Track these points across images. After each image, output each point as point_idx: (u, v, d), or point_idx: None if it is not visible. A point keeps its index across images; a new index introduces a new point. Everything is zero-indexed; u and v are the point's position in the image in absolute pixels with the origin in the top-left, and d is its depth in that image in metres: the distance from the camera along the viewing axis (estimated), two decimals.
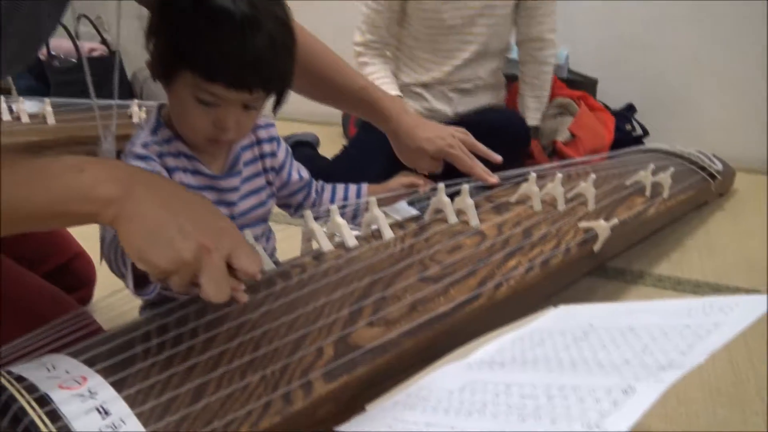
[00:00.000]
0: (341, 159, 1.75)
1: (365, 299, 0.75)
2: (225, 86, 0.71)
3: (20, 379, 0.57)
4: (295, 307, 0.72)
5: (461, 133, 1.08)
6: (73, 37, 2.45)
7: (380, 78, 1.74)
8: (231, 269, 0.61)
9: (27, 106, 1.83)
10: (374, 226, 0.94)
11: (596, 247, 1.04)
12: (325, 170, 1.66)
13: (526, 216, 1.06)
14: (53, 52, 2.45)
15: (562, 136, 1.85)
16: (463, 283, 0.83)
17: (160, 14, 0.73)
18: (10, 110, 1.81)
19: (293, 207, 0.99)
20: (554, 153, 1.90)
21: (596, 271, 1.30)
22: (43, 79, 2.51)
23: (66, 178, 0.56)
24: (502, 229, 1.00)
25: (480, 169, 1.05)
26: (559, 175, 1.12)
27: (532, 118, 1.87)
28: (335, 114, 2.39)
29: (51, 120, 1.81)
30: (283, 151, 0.92)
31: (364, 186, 1.01)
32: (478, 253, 0.91)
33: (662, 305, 0.68)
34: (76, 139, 1.78)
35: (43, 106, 1.82)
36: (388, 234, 0.92)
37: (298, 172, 0.96)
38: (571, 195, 1.17)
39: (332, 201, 0.99)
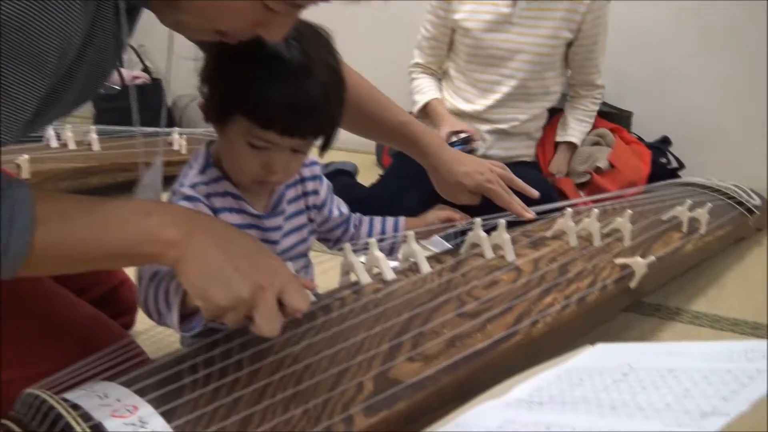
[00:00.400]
0: (378, 188, 1.78)
1: (404, 334, 0.76)
2: (278, 133, 0.74)
3: (75, 407, 0.59)
4: (335, 342, 0.74)
5: (499, 167, 1.09)
6: (117, 65, 2.53)
7: (424, 86, 1.80)
8: (280, 305, 0.64)
9: (73, 133, 1.89)
10: (412, 260, 0.95)
11: (633, 284, 1.04)
12: (362, 199, 1.68)
13: (562, 251, 1.07)
14: None
15: (603, 164, 1.85)
16: (500, 320, 0.84)
17: (216, 60, 0.75)
18: (58, 137, 1.88)
19: (332, 241, 1.00)
20: (589, 183, 1.90)
21: (632, 307, 1.29)
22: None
23: (135, 221, 0.62)
24: (538, 264, 1.00)
25: (517, 204, 1.06)
26: (596, 211, 1.13)
27: (573, 137, 1.88)
28: (369, 142, 2.42)
29: (96, 147, 1.87)
30: (325, 188, 0.94)
31: (402, 220, 1.02)
32: (514, 289, 0.91)
33: (703, 347, 0.68)
34: (120, 166, 1.84)
35: (89, 133, 1.89)
36: (425, 268, 0.93)
37: (338, 208, 0.98)
38: (607, 230, 1.17)
39: (370, 234, 1.01)
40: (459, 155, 1.10)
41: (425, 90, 1.83)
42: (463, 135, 1.66)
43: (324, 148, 0.83)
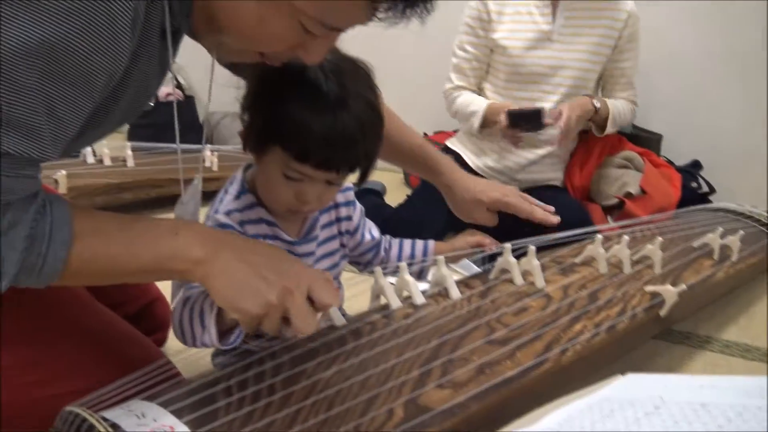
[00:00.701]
0: (405, 209, 1.79)
1: (434, 361, 0.77)
2: (313, 167, 0.75)
3: (115, 426, 0.61)
4: (365, 367, 0.75)
5: (514, 189, 1.11)
6: None
7: (473, 97, 1.77)
8: (311, 303, 0.67)
9: (109, 149, 1.94)
10: (442, 285, 0.96)
11: (663, 312, 1.03)
12: (389, 219, 1.70)
13: (592, 278, 1.06)
14: None
15: (634, 189, 1.83)
16: (530, 347, 0.84)
17: (256, 90, 0.78)
18: (94, 153, 1.93)
19: (363, 264, 1.02)
20: (618, 208, 1.88)
21: (661, 334, 1.28)
22: None
23: (165, 240, 0.65)
24: (568, 291, 1.00)
25: (540, 210, 1.07)
26: (626, 238, 1.12)
27: (607, 103, 1.76)
28: None
29: (131, 163, 1.92)
30: (358, 213, 0.95)
31: (431, 243, 1.03)
32: (544, 317, 0.91)
33: (736, 381, 0.67)
34: (153, 182, 1.88)
35: (125, 149, 1.93)
36: (455, 294, 0.94)
37: (370, 232, 0.99)
38: (637, 257, 1.17)
39: (399, 258, 1.02)
40: (473, 176, 1.12)
41: (477, 100, 1.77)
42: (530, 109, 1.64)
43: (361, 180, 0.85)
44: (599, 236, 1.11)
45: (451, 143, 1.90)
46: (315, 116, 0.73)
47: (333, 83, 0.73)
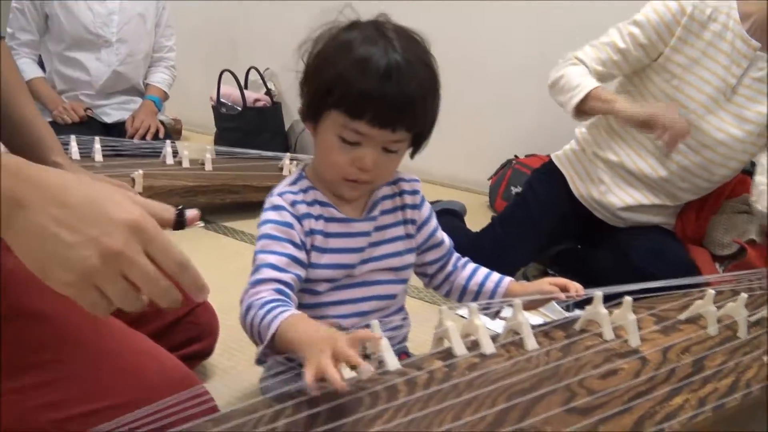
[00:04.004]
0: (486, 235, 1.65)
1: (498, 427, 0.64)
2: (368, 124, 0.74)
3: None
4: (417, 425, 0.63)
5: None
6: (241, 87, 2.59)
7: (582, 72, 1.46)
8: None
9: (189, 151, 1.93)
10: (516, 333, 0.83)
11: None
12: (467, 244, 1.58)
13: (698, 341, 0.90)
14: (222, 99, 2.60)
15: (758, 237, 1.60)
16: (617, 421, 0.69)
17: (313, 62, 0.79)
18: (174, 154, 1.92)
19: (429, 276, 0.96)
20: (734, 257, 1.65)
21: None
22: None
23: None
24: (668, 355, 0.85)
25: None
26: (744, 296, 0.95)
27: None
28: (483, 182, 2.32)
29: (209, 166, 1.89)
30: (427, 208, 0.92)
31: (506, 280, 0.92)
32: (636, 384, 0.77)
33: None
34: (228, 188, 1.84)
35: (204, 153, 1.91)
36: (531, 345, 0.81)
37: (443, 234, 0.94)
38: (755, 319, 0.99)
39: (468, 281, 0.94)
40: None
41: (589, 78, 1.45)
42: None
43: (414, 151, 0.84)
44: (711, 291, 0.95)
45: (558, 160, 1.66)
46: (370, 74, 0.73)
47: (390, 46, 0.74)
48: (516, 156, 2.27)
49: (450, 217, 1.85)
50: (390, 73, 0.73)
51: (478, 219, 1.89)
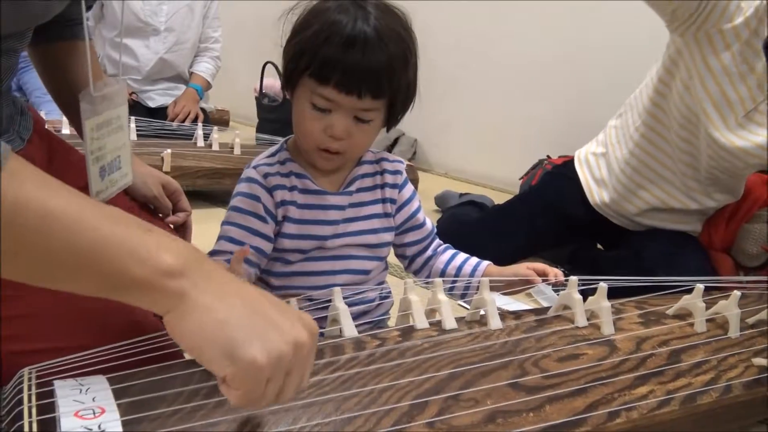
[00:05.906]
0: (482, 222, 1.65)
1: (435, 394, 0.64)
2: (334, 89, 0.75)
3: (49, 394, 0.55)
4: (351, 385, 0.64)
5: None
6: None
7: None
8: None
9: (219, 134, 1.98)
10: (482, 312, 0.82)
11: None
12: (468, 228, 1.57)
13: (682, 335, 0.87)
14: (265, 90, 2.66)
15: None
16: (566, 402, 0.68)
17: (292, 30, 0.80)
18: (205, 137, 1.98)
19: (408, 258, 0.95)
20: (763, 267, 1.57)
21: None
22: None
23: (134, 230, 0.49)
24: (642, 345, 0.82)
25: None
26: (737, 293, 0.91)
27: None
28: (515, 182, 2.29)
29: (237, 151, 1.94)
30: (409, 190, 0.92)
31: (483, 264, 0.90)
32: (597, 369, 0.74)
33: None
34: None
35: (235, 138, 1.96)
36: (495, 323, 0.80)
37: (425, 217, 0.94)
38: (753, 320, 0.95)
39: (446, 265, 0.93)
40: None
41: None
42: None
43: (389, 124, 0.83)
44: (700, 286, 0.91)
45: (578, 163, 1.62)
46: (338, 41, 0.73)
47: (361, 18, 0.74)
48: (548, 156, 2.23)
49: (472, 207, 1.84)
50: (354, 41, 0.73)
51: None
